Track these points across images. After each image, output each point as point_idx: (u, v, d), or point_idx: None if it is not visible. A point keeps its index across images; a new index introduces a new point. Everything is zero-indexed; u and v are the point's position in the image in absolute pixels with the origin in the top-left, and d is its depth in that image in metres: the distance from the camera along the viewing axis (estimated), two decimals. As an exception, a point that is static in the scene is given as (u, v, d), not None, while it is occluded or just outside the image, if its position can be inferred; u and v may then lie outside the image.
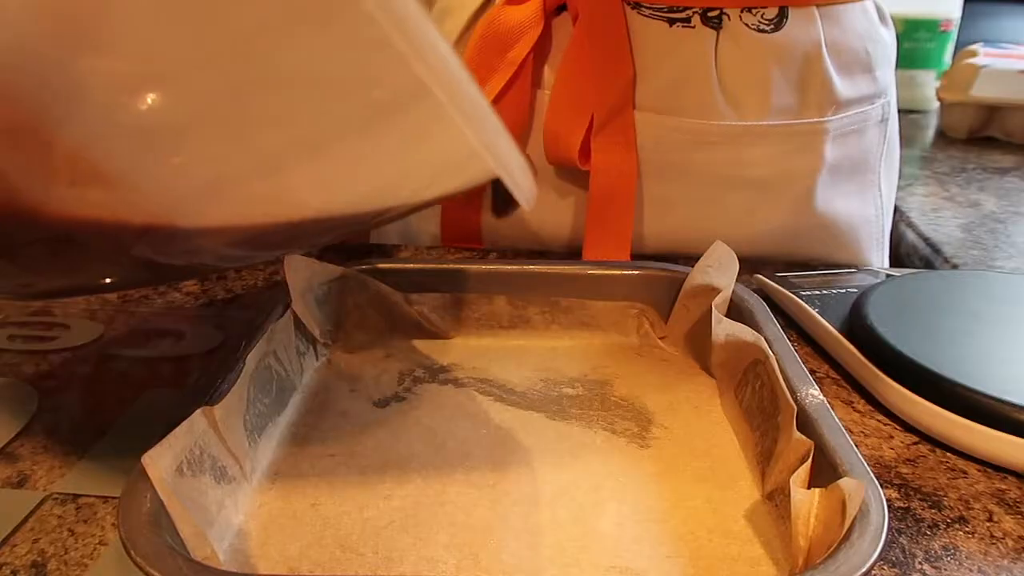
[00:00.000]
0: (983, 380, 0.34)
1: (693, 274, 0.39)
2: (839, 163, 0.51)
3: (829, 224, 0.52)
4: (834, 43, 0.48)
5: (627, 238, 0.50)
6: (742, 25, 0.47)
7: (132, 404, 0.37)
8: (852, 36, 0.49)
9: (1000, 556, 0.29)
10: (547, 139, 0.49)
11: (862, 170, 0.53)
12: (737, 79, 0.48)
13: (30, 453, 0.33)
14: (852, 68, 0.50)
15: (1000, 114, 0.94)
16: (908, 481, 0.32)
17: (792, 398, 0.30)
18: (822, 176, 0.50)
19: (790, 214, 0.51)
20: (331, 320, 0.39)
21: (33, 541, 0.29)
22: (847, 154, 0.51)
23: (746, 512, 0.29)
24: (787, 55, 0.48)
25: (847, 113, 0.50)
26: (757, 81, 0.48)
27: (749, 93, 0.48)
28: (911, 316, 0.40)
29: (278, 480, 0.31)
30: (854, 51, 0.50)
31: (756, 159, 0.49)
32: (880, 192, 0.55)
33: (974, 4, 1.12)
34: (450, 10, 0.53)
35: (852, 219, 0.53)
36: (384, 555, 0.27)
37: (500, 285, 0.41)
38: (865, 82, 0.51)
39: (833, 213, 0.52)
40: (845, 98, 0.50)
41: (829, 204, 0.52)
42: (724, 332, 0.35)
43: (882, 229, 0.56)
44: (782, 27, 0.47)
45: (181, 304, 0.46)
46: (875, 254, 0.56)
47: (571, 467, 0.32)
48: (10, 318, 0.45)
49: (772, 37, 0.47)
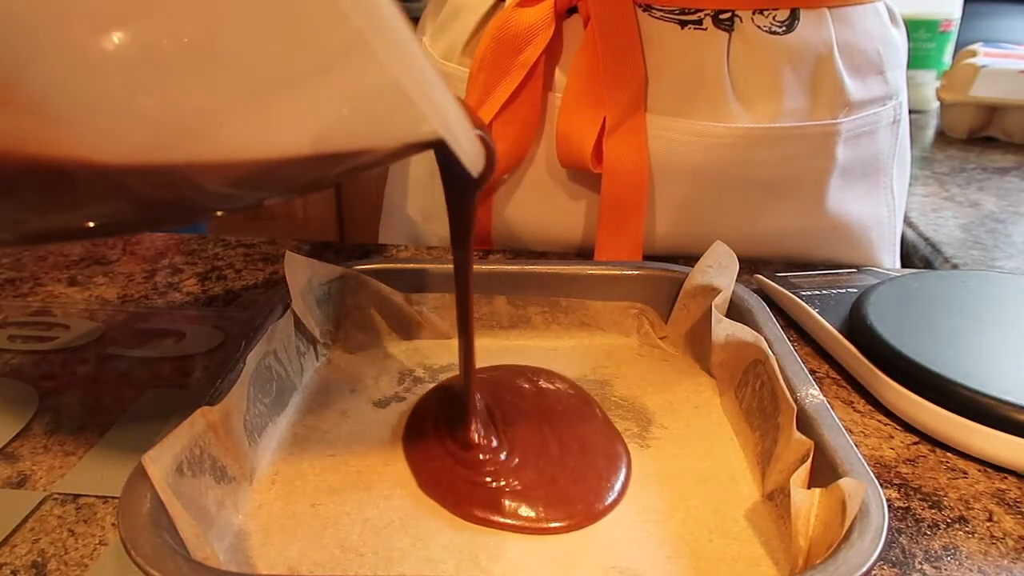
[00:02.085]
0: (983, 380, 0.34)
1: (693, 274, 0.39)
2: (851, 165, 0.51)
3: (841, 226, 0.52)
4: (846, 44, 0.48)
5: (639, 241, 0.50)
6: (754, 27, 0.47)
7: (132, 404, 0.37)
8: (864, 37, 0.49)
9: (1000, 556, 0.29)
10: (559, 142, 0.49)
11: (874, 172, 0.52)
12: (749, 81, 0.48)
13: (30, 453, 0.33)
14: (864, 70, 0.50)
15: (1000, 114, 0.94)
16: (908, 481, 0.32)
17: (792, 398, 0.30)
18: (834, 178, 0.50)
19: (802, 216, 0.51)
20: (331, 320, 0.39)
21: (33, 541, 0.29)
22: (859, 156, 0.51)
23: (746, 512, 0.29)
24: (799, 57, 0.47)
25: (859, 115, 0.50)
26: (769, 83, 0.47)
27: (761, 95, 0.48)
28: (911, 316, 0.40)
29: (278, 480, 0.31)
30: (865, 52, 0.49)
31: (768, 161, 0.49)
32: (892, 194, 0.55)
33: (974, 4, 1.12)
34: (460, 11, 0.53)
35: (864, 221, 0.53)
36: (384, 555, 0.27)
37: (500, 285, 0.41)
38: (877, 83, 0.50)
39: (845, 215, 0.52)
40: (857, 100, 0.49)
41: (841, 206, 0.52)
42: (724, 332, 0.35)
43: (894, 231, 0.56)
44: (794, 28, 0.47)
45: (181, 304, 0.46)
46: (887, 256, 0.56)
47: (571, 467, 0.32)
48: (10, 318, 0.45)
49: (784, 39, 0.47)
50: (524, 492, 0.30)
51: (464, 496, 0.30)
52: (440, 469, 0.31)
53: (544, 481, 0.30)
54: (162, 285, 0.49)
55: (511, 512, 0.29)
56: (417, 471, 0.31)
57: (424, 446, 0.33)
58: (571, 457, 0.32)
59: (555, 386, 0.37)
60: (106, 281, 0.49)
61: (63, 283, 0.49)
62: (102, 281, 0.49)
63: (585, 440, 0.33)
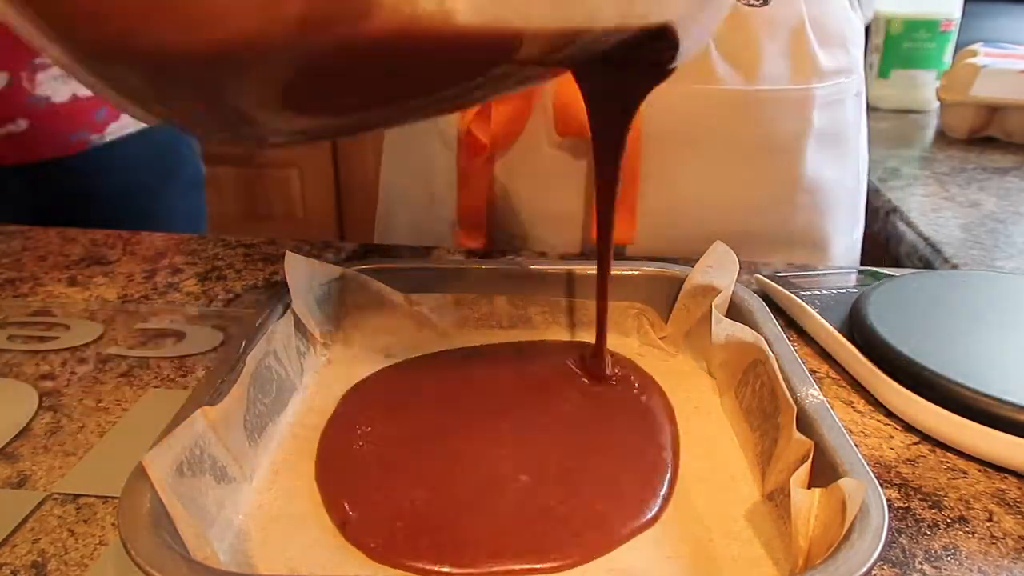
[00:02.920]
0: (983, 380, 0.34)
1: (693, 274, 0.39)
2: (825, 131, 0.55)
3: (816, 190, 0.56)
4: (815, 19, 0.53)
5: (634, 206, 0.53)
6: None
7: (132, 404, 0.37)
8: (830, 15, 0.54)
9: (1000, 556, 0.29)
10: (557, 111, 0.51)
11: (843, 139, 0.57)
12: (733, 47, 0.51)
13: (30, 453, 0.33)
14: (831, 42, 0.54)
15: (1000, 114, 0.94)
16: (908, 481, 0.32)
17: (792, 398, 0.30)
18: (811, 142, 0.54)
19: (783, 181, 0.55)
20: (331, 320, 0.39)
21: (33, 541, 0.29)
22: (831, 122, 0.55)
23: (746, 512, 0.29)
24: (775, 27, 0.52)
25: (830, 83, 0.54)
26: (751, 48, 0.51)
27: (744, 59, 0.52)
28: (911, 316, 0.40)
29: (278, 480, 0.31)
30: (832, 27, 0.54)
31: (751, 124, 0.52)
32: (858, 164, 0.59)
33: (974, 4, 1.12)
34: None
35: (836, 188, 0.57)
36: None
37: (500, 285, 0.41)
38: (842, 56, 0.55)
39: (820, 180, 0.56)
40: (827, 69, 0.54)
41: (817, 171, 0.55)
42: (724, 332, 0.35)
43: (860, 201, 0.61)
44: (768, 3, 0.51)
45: (181, 304, 0.46)
46: (856, 227, 0.61)
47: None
48: (10, 318, 0.45)
49: (760, 11, 0.51)
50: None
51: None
52: None
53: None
54: (162, 285, 0.49)
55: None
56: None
57: None
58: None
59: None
60: (106, 281, 0.49)
61: (63, 283, 0.49)
62: (102, 281, 0.49)
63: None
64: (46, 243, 0.55)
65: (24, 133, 0.83)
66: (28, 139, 0.84)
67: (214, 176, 1.97)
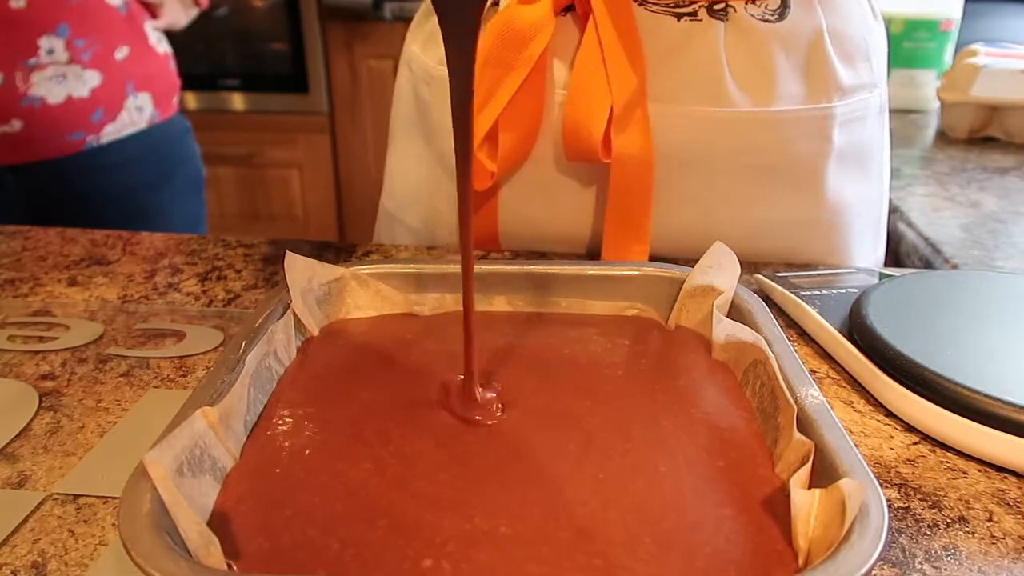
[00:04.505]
0: (983, 380, 0.34)
1: (693, 274, 0.39)
2: (846, 150, 0.52)
3: (838, 211, 0.53)
4: (835, 31, 0.50)
5: (646, 230, 0.51)
6: (747, 16, 0.48)
7: (132, 404, 0.37)
8: (850, 25, 0.51)
9: (1000, 556, 0.29)
10: (567, 135, 0.49)
11: (866, 158, 0.54)
12: (746, 68, 0.49)
13: (30, 453, 0.33)
14: (852, 56, 0.51)
15: (1000, 114, 0.94)
16: (908, 481, 0.32)
17: (792, 398, 0.29)
18: (832, 162, 0.52)
19: (803, 203, 0.52)
20: (331, 320, 0.39)
21: (33, 541, 0.29)
22: (853, 141, 0.53)
23: (746, 512, 0.29)
24: (792, 43, 0.49)
25: (851, 99, 0.52)
26: (765, 69, 0.49)
27: (758, 81, 0.49)
28: (911, 316, 0.40)
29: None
30: (853, 39, 0.51)
31: (767, 145, 0.50)
32: (882, 182, 0.57)
33: (974, 4, 1.12)
34: None
35: (859, 207, 0.55)
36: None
37: (500, 285, 0.41)
38: (864, 70, 0.52)
39: (842, 201, 0.53)
40: (848, 85, 0.51)
41: (839, 192, 0.53)
42: (724, 332, 0.35)
43: (883, 220, 0.58)
44: (785, 16, 0.49)
45: (181, 304, 0.46)
46: (879, 246, 0.58)
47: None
48: (10, 318, 0.45)
49: (776, 26, 0.48)
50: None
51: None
52: None
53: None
54: (162, 285, 0.49)
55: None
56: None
57: None
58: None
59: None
60: (106, 281, 0.49)
61: (63, 283, 0.49)
62: (102, 281, 0.50)
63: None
64: (46, 243, 0.55)
65: (19, 134, 0.83)
66: (23, 140, 0.84)
67: (214, 176, 1.96)
